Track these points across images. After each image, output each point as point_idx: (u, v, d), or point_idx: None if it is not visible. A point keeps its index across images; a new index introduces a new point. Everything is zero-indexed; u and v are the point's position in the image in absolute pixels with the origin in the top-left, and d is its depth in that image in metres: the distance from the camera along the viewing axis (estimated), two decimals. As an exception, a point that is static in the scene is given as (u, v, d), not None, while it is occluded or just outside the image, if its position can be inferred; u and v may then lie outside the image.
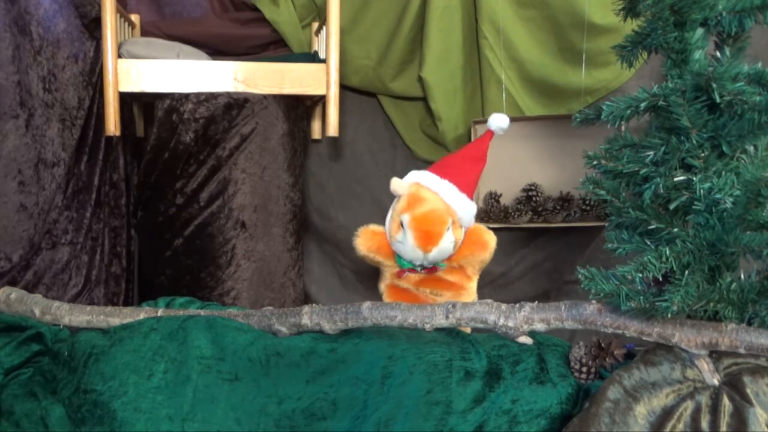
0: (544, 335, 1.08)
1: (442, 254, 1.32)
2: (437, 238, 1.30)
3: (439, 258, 1.32)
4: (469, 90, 1.88)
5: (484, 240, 1.37)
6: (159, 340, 1.10)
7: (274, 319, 1.14)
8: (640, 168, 0.96)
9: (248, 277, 1.62)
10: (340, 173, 1.96)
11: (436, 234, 1.30)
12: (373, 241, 1.39)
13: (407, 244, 1.31)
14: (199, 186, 1.59)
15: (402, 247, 1.32)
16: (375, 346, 1.06)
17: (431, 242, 1.30)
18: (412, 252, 1.31)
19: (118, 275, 1.77)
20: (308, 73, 1.62)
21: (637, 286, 0.91)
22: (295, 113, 1.71)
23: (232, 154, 1.59)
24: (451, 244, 1.33)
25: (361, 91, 1.92)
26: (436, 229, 1.30)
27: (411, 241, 1.30)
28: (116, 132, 1.53)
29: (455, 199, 1.35)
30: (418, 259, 1.31)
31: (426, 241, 1.30)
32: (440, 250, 1.31)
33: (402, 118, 1.95)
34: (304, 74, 1.61)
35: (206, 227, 1.60)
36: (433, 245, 1.30)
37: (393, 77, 1.87)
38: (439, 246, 1.30)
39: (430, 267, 1.34)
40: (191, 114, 1.56)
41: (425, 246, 1.30)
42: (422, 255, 1.30)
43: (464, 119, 1.89)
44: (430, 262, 1.32)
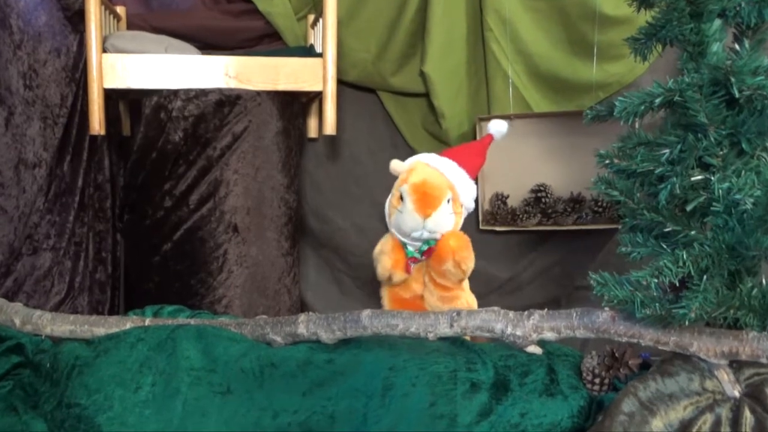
0: (554, 344, 1.08)
1: (441, 226, 1.33)
2: (436, 202, 1.32)
3: (438, 229, 1.33)
4: (474, 85, 1.89)
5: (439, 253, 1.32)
6: (146, 351, 1.10)
7: (268, 328, 1.14)
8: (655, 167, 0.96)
9: (241, 284, 1.62)
10: (338, 174, 1.96)
11: (434, 198, 1.32)
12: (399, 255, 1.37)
13: (406, 212, 1.33)
14: (188, 188, 1.60)
15: (401, 218, 1.34)
16: (375, 356, 1.06)
17: (430, 205, 1.32)
18: (411, 219, 1.32)
19: (103, 282, 1.77)
20: (304, 67, 1.62)
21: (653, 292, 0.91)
22: (290, 110, 1.72)
23: (224, 154, 1.60)
24: (450, 217, 1.34)
25: (360, 86, 1.92)
26: (435, 193, 1.33)
27: (410, 206, 1.32)
28: (101, 131, 1.53)
29: (455, 175, 1.38)
30: (418, 229, 1.32)
31: (424, 203, 1.32)
32: (439, 219, 1.32)
33: (403, 115, 1.95)
34: (300, 69, 1.62)
35: (196, 231, 1.60)
36: (432, 209, 1.31)
37: (393, 72, 1.87)
38: (438, 211, 1.31)
39: (427, 249, 1.34)
40: (180, 112, 1.57)
41: (424, 209, 1.31)
42: (421, 221, 1.31)
43: (468, 116, 1.89)
44: (429, 231, 1.32)
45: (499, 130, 1.48)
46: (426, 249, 1.35)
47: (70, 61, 1.64)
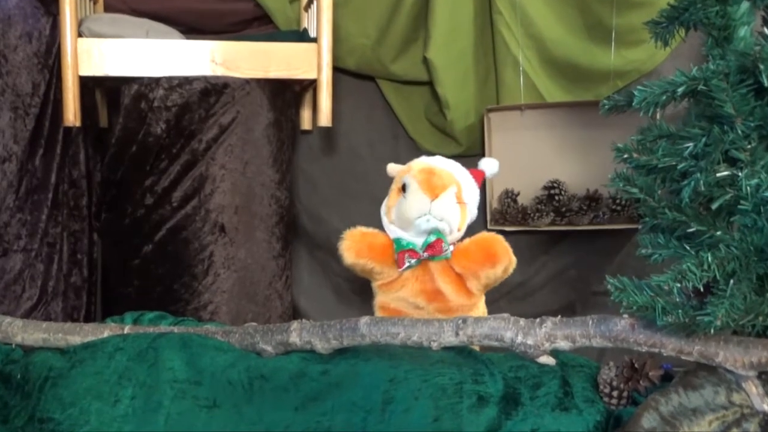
0: (568, 355, 1.08)
1: (449, 213, 1.33)
2: (444, 184, 1.34)
3: (446, 217, 1.33)
4: (482, 73, 1.89)
5: (494, 251, 1.36)
6: (126, 361, 1.10)
7: (258, 337, 1.14)
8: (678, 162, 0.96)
9: (228, 289, 1.62)
10: (334, 169, 1.96)
11: (442, 178, 1.35)
12: (363, 243, 1.39)
13: (410, 195, 1.34)
14: (171, 184, 1.60)
15: (405, 203, 1.34)
16: (374, 367, 1.06)
17: (437, 187, 1.33)
18: (417, 201, 1.32)
19: (78, 286, 1.77)
20: (297, 53, 1.62)
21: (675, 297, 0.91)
22: (282, 100, 1.72)
23: (210, 148, 1.60)
24: (457, 206, 1.35)
25: (358, 74, 1.92)
26: (442, 175, 1.35)
27: (415, 188, 1.34)
28: (76, 122, 1.54)
29: (460, 173, 1.39)
30: (424, 212, 1.32)
31: (432, 184, 1.34)
32: (447, 204, 1.33)
33: (405, 106, 1.95)
34: (293, 55, 1.62)
35: (180, 231, 1.60)
36: (439, 190, 1.33)
37: (394, 58, 1.87)
38: (446, 194, 1.33)
39: (433, 241, 1.34)
40: (162, 101, 1.57)
41: (432, 189, 1.33)
42: (428, 203, 1.32)
43: (476, 106, 1.89)
44: (437, 218, 1.32)
45: (491, 169, 1.48)
46: (432, 241, 1.35)
47: (42, 46, 1.64)
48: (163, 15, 1.74)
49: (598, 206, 1.78)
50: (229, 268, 1.62)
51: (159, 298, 1.60)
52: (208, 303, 1.61)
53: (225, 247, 1.62)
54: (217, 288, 1.61)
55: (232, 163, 1.61)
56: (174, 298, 1.60)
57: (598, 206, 1.78)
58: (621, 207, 1.74)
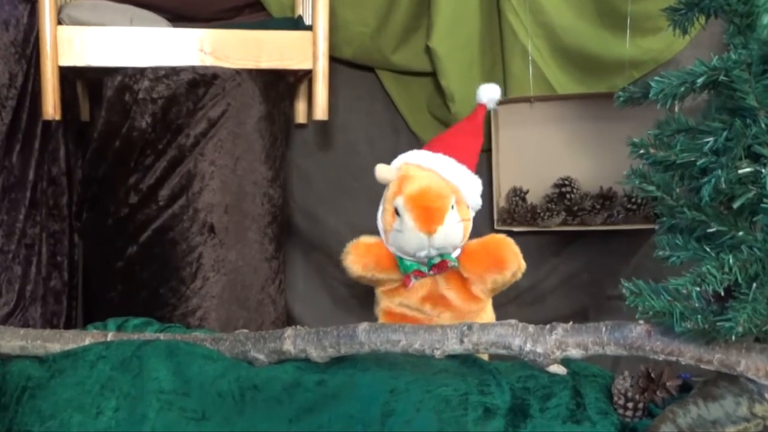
0: (580, 363, 1.08)
1: (451, 239, 1.32)
2: (441, 215, 1.31)
3: (448, 244, 1.32)
4: (488, 63, 1.89)
5: (503, 255, 1.36)
6: (109, 370, 1.10)
7: (249, 345, 1.14)
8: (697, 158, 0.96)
9: (218, 293, 1.62)
10: (331, 165, 1.96)
11: (438, 209, 1.31)
12: (369, 256, 1.39)
13: (406, 230, 1.31)
14: (157, 181, 1.60)
15: (401, 237, 1.32)
16: (373, 377, 1.06)
17: (434, 220, 1.30)
18: (414, 238, 1.31)
19: (58, 291, 1.77)
20: (291, 42, 1.62)
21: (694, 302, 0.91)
22: (275, 92, 1.72)
23: (198, 143, 1.60)
24: (459, 225, 1.34)
25: (356, 64, 1.92)
26: (438, 204, 1.31)
27: (410, 224, 1.31)
28: (56, 116, 1.54)
29: (455, 172, 1.37)
30: (423, 248, 1.31)
31: (428, 219, 1.30)
32: (447, 232, 1.31)
33: (406, 98, 1.95)
34: (286, 44, 1.62)
35: (166, 232, 1.60)
36: (437, 223, 1.30)
37: (395, 48, 1.87)
38: (444, 225, 1.30)
39: (438, 262, 1.34)
40: (147, 93, 1.57)
41: (428, 226, 1.30)
42: (426, 239, 1.30)
43: (482, 99, 1.89)
44: (438, 249, 1.31)
45: (492, 97, 1.43)
46: (436, 263, 1.35)
47: (19, 34, 1.64)
48: (148, 1, 1.74)
49: (613, 205, 1.77)
50: (219, 271, 1.62)
51: (144, 303, 1.60)
52: (197, 308, 1.61)
53: (214, 248, 1.62)
54: (206, 292, 1.61)
55: (222, 159, 1.61)
56: (160, 303, 1.60)
57: (612, 205, 1.78)
58: (637, 206, 1.74)
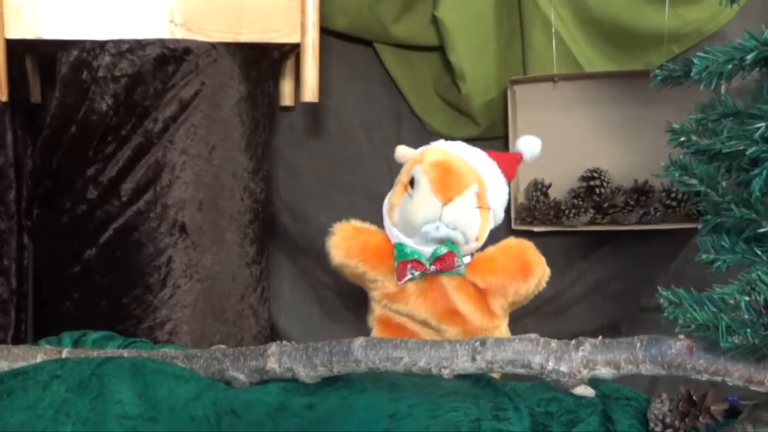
0: (611, 384, 1.08)
1: (464, 221, 1.33)
2: (461, 183, 1.33)
3: (460, 225, 1.33)
4: (505, 36, 1.89)
5: (527, 261, 1.36)
6: (64, 392, 1.10)
7: (227, 363, 1.14)
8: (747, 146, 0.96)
9: (191, 303, 1.62)
10: (322, 155, 1.97)
11: (459, 176, 1.33)
12: (355, 241, 1.40)
13: (419, 194, 1.32)
14: (120, 173, 1.60)
15: (410, 205, 1.33)
16: (372, 400, 1.06)
17: (452, 187, 1.32)
18: (426, 204, 1.31)
19: (4, 300, 1.77)
20: (275, 12, 1.62)
21: (743, 314, 0.91)
22: (257, 70, 1.72)
23: (167, 128, 1.60)
24: (475, 214, 1.34)
25: (352, 38, 1.92)
26: (460, 173, 1.33)
27: (425, 188, 1.32)
28: (2, 97, 1.54)
29: (485, 166, 1.38)
30: (434, 219, 1.31)
31: (446, 184, 1.32)
32: (462, 209, 1.32)
33: (409, 77, 1.95)
34: (270, 13, 1.62)
35: (130, 232, 1.60)
36: (455, 191, 1.31)
37: (396, 18, 1.87)
38: (463, 198, 1.32)
39: (444, 254, 1.34)
40: (108, 71, 1.57)
41: (446, 191, 1.31)
42: (439, 207, 1.31)
43: (497, 77, 1.89)
44: (449, 226, 1.32)
45: (533, 150, 1.45)
46: (442, 254, 1.35)
47: (-40, 2, 1.64)
48: (109, -36, 1.74)
49: (649, 201, 1.78)
50: (192, 278, 1.63)
51: (105, 315, 1.60)
52: (166, 321, 1.61)
53: (186, 251, 1.62)
54: (177, 302, 1.61)
55: (195, 147, 1.62)
56: (123, 314, 1.60)
57: (648, 201, 1.78)
58: (677, 202, 1.75)
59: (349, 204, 1.92)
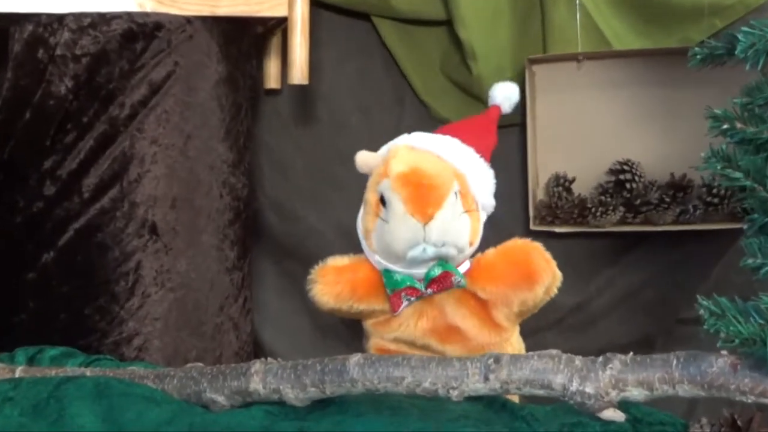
0: (644, 408, 1.08)
1: (452, 234, 1.32)
2: (438, 195, 1.31)
3: (449, 240, 1.32)
4: (521, 8, 1.89)
5: (532, 266, 1.36)
6: (18, 416, 1.10)
7: (205, 383, 1.14)
8: (799, 135, 0.97)
9: (162, 315, 1.62)
10: (313, 145, 1.97)
11: (434, 188, 1.31)
12: (342, 284, 1.41)
13: (394, 218, 1.31)
14: (81, 166, 1.60)
15: (387, 231, 1.32)
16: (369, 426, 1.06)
17: (429, 201, 1.30)
18: (404, 228, 1.30)
19: (-51, 312, 1.77)
20: (259, -19, 1.62)
21: (795, 326, 0.91)
22: (238, 48, 1.72)
23: (135, 115, 1.60)
24: (463, 218, 1.34)
25: (347, 10, 1.92)
26: (435, 183, 1.31)
27: (399, 208, 1.30)
28: (-54, 79, 1.54)
29: (459, 155, 1.38)
30: (417, 242, 1.30)
31: (421, 199, 1.29)
32: (448, 222, 1.31)
33: (412, 56, 1.95)
34: (253, -17, 1.62)
35: (93, 233, 1.60)
36: (432, 206, 1.29)
37: (397, -13, 1.87)
38: (444, 209, 1.30)
39: (439, 275, 1.34)
40: (68, 49, 1.57)
41: (422, 208, 1.29)
42: (421, 228, 1.30)
43: (513, 56, 1.89)
44: (436, 246, 1.31)
45: (508, 96, 1.48)
46: (437, 275, 1.35)
47: None
48: (69, -74, 1.74)
49: (687, 198, 1.78)
50: (164, 286, 1.62)
51: (64, 328, 1.60)
52: (134, 335, 1.61)
53: (157, 255, 1.62)
54: (147, 314, 1.61)
55: (167, 136, 1.62)
56: (85, 327, 1.60)
57: (686, 198, 1.78)
58: (719, 199, 1.74)
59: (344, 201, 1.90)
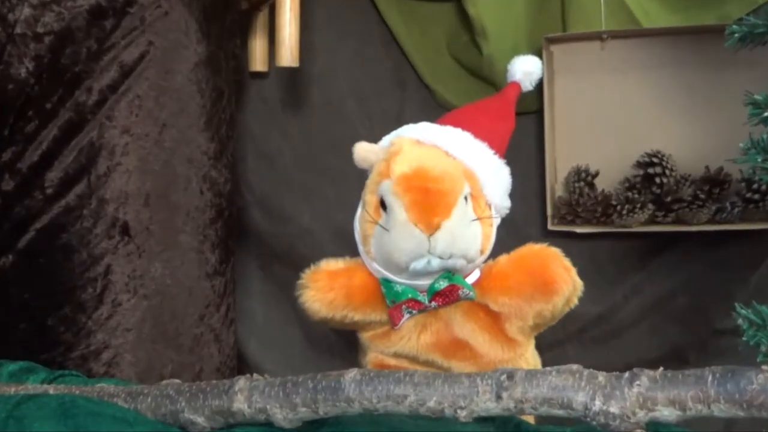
0: (675, 429, 1.08)
1: (461, 245, 1.31)
2: (446, 202, 1.30)
3: (457, 251, 1.31)
4: (539, -19, 1.90)
5: (548, 277, 1.36)
6: (-27, 439, 1.11)
7: (182, 402, 1.14)
8: None
9: (135, 326, 1.63)
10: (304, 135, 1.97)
11: (442, 194, 1.30)
12: (335, 290, 1.41)
13: (396, 227, 1.30)
14: (44, 159, 1.60)
15: (388, 240, 1.32)
16: (367, 449, 1.07)
17: (436, 209, 1.29)
18: (407, 238, 1.29)
19: None
20: (243, -49, 1.63)
21: None
22: (220, 26, 1.72)
23: (105, 101, 1.60)
24: (472, 227, 1.33)
25: (342, -16, 1.93)
26: (442, 186, 1.31)
27: (401, 215, 1.29)
28: None
29: (471, 152, 1.37)
30: (421, 255, 1.29)
31: (427, 206, 1.29)
32: (454, 231, 1.30)
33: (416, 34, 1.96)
34: (236, -47, 1.63)
35: (58, 234, 1.60)
36: (440, 215, 1.28)
37: (399, -42, 1.88)
38: (452, 219, 1.30)
39: (445, 288, 1.34)
40: (29, 26, 1.57)
41: (427, 217, 1.28)
42: (425, 240, 1.29)
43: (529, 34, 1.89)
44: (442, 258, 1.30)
45: (529, 72, 1.48)
46: (442, 289, 1.35)
47: None
48: None
49: (724, 194, 1.78)
50: (137, 293, 1.63)
51: (24, 340, 1.61)
52: (103, 348, 1.61)
53: (129, 258, 1.62)
54: (118, 324, 1.61)
55: (140, 125, 1.62)
56: (48, 339, 1.61)
57: (723, 194, 1.78)
58: (759, 195, 1.75)
59: (339, 198, 1.91)
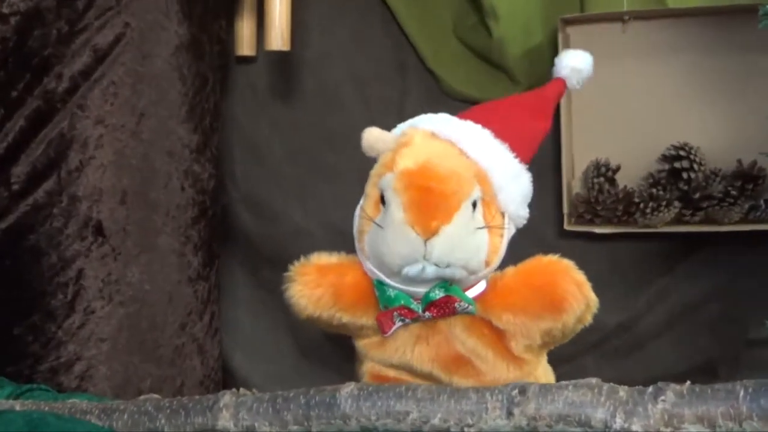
0: (703, 449, 1.09)
1: (460, 254, 1.30)
2: (448, 205, 1.28)
3: (455, 261, 1.31)
4: (554, -44, 1.90)
5: (558, 294, 1.35)
6: (-68, 460, 1.11)
7: (162, 419, 1.14)
8: None
9: (110, 335, 1.63)
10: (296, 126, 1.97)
11: (444, 195, 1.28)
12: (323, 284, 1.40)
13: (391, 226, 1.29)
14: (9, 152, 1.60)
15: (381, 239, 1.30)
16: (365, 471, 1.06)
17: (435, 212, 1.27)
18: (401, 240, 1.27)
19: None
20: (229, -77, 1.63)
21: None
22: (203, 6, 1.72)
23: (77, 88, 1.60)
24: (477, 236, 1.32)
25: (337, -40, 1.93)
26: (445, 187, 1.29)
27: (398, 215, 1.28)
28: None
29: (487, 151, 1.36)
30: (415, 260, 1.29)
31: (425, 208, 1.27)
32: (455, 239, 1.28)
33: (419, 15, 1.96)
34: (221, -74, 1.63)
35: (25, 235, 1.61)
36: (439, 219, 1.27)
37: (400, -67, 1.88)
38: (453, 225, 1.28)
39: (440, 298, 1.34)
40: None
41: (425, 220, 1.26)
42: (421, 244, 1.27)
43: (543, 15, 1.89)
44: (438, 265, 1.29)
45: (578, 68, 1.47)
46: (437, 299, 1.35)
47: None
48: None
49: (758, 191, 1.78)
50: (112, 300, 1.63)
51: (-11, 351, 1.61)
52: (75, 359, 1.61)
53: (104, 262, 1.62)
54: (91, 334, 1.62)
55: (116, 115, 1.62)
56: (15, 350, 1.61)
57: (757, 191, 1.78)
58: (797, 193, 1.75)
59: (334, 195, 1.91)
